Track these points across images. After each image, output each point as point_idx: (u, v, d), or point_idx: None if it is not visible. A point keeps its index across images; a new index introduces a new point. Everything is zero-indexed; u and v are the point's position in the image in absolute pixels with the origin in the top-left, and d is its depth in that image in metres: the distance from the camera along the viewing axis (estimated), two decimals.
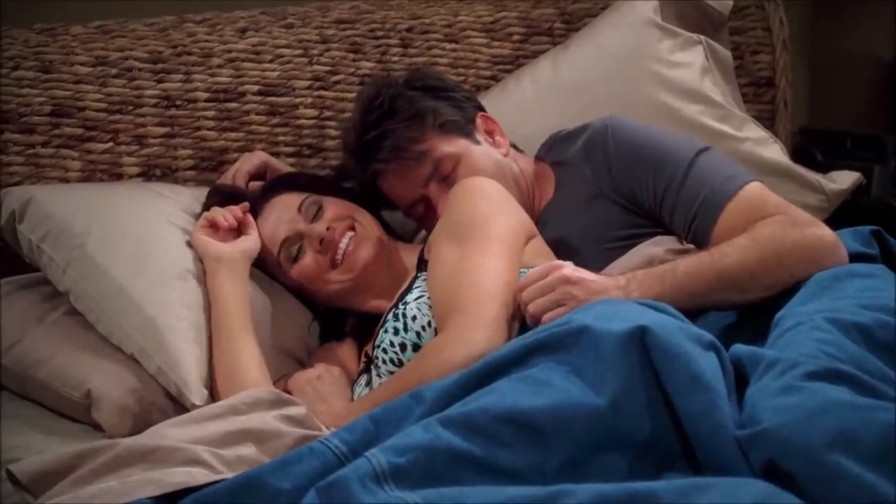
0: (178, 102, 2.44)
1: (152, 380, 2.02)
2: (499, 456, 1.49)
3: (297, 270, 2.14)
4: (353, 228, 2.12)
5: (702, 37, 2.60)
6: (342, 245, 2.11)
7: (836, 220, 2.39)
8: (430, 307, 1.93)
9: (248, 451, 1.66)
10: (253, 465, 1.63)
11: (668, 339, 1.55)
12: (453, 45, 2.67)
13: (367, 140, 2.19)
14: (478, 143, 2.21)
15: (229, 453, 1.63)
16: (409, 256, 2.17)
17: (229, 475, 1.59)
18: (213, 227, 2.13)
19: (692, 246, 2.02)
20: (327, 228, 2.11)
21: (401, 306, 1.96)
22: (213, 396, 1.99)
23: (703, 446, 1.50)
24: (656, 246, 2.04)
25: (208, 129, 2.45)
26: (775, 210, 1.94)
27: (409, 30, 2.64)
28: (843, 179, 2.59)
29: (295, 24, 2.59)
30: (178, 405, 2.00)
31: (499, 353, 1.64)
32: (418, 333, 1.92)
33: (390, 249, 2.17)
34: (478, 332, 1.81)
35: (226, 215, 2.14)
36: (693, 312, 1.79)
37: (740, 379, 1.60)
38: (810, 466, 1.41)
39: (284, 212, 2.15)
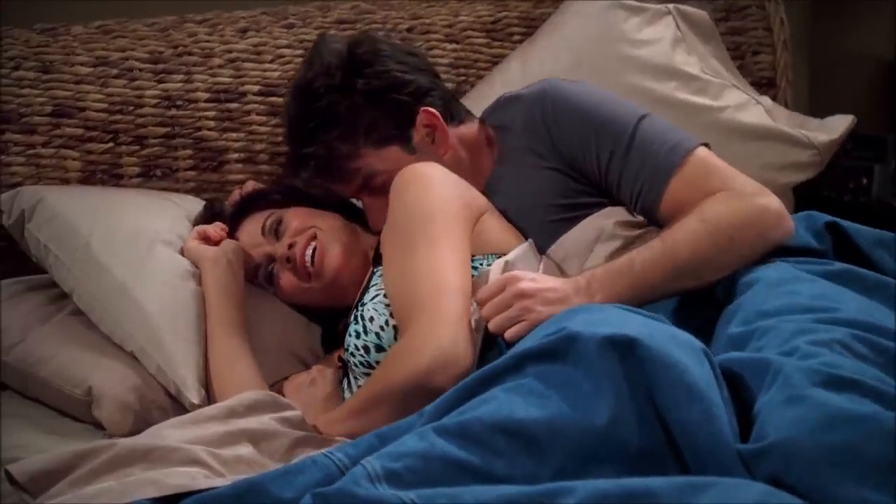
0: (179, 102, 2.44)
1: (153, 378, 2.03)
2: (494, 465, 1.47)
3: (280, 291, 2.15)
4: (315, 237, 2.12)
5: (670, 6, 2.57)
6: (307, 258, 2.10)
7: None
8: (387, 305, 1.92)
9: (246, 450, 1.66)
10: (251, 465, 1.64)
11: (660, 348, 1.53)
12: (454, 45, 2.67)
13: (299, 154, 2.14)
14: (414, 151, 2.13)
15: (227, 453, 1.64)
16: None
17: (228, 475, 1.59)
18: (205, 239, 2.16)
19: (642, 217, 2.01)
20: (289, 246, 2.11)
21: (359, 307, 1.95)
22: (209, 395, 2.00)
23: (701, 457, 1.48)
24: (606, 218, 2.02)
25: (209, 130, 2.46)
26: (720, 181, 1.93)
27: (409, 30, 2.65)
28: (834, 127, 2.55)
29: (295, 24, 2.59)
30: (179, 403, 2.01)
31: (494, 363, 1.62)
32: (377, 334, 1.91)
33: (363, 243, 2.16)
34: (441, 331, 1.79)
35: (216, 229, 2.17)
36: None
37: (735, 388, 1.58)
38: (813, 483, 1.40)
39: (251, 237, 2.16)
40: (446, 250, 1.89)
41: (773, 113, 2.56)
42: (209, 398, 1.99)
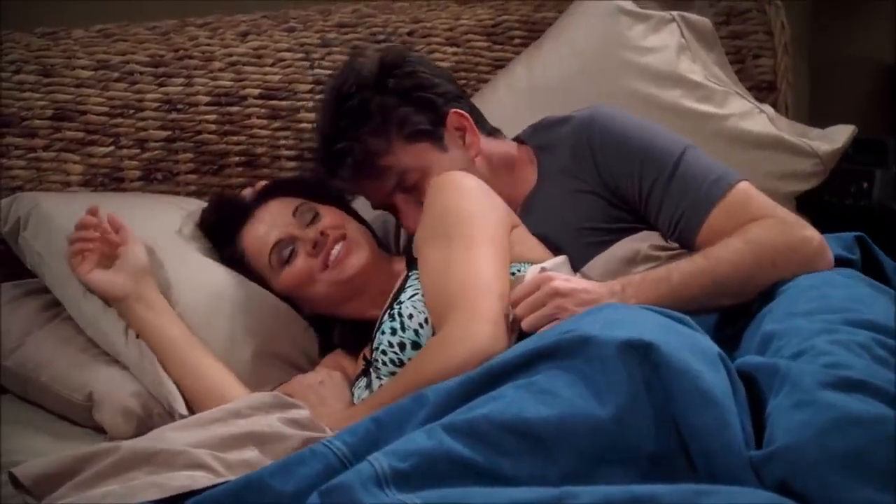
0: (180, 106, 2.44)
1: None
2: (501, 464, 1.48)
3: (288, 272, 2.13)
4: (345, 237, 2.12)
5: (674, 13, 2.58)
6: (334, 252, 2.10)
7: (838, 223, 2.38)
8: (426, 304, 1.92)
9: (251, 454, 1.66)
10: (255, 469, 1.63)
11: (675, 354, 1.54)
12: (455, 49, 2.67)
13: (332, 152, 2.17)
14: (445, 149, 2.16)
15: (232, 457, 1.63)
16: (398, 266, 2.16)
17: (231, 479, 1.59)
18: (84, 253, 2.09)
19: (676, 245, 2.02)
20: (321, 234, 2.11)
21: (395, 306, 1.96)
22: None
23: (713, 463, 1.48)
24: (641, 242, 2.03)
25: (209, 133, 2.45)
26: (759, 212, 1.95)
27: (410, 33, 2.65)
28: (836, 137, 2.55)
29: (296, 27, 2.59)
30: None
31: (503, 358, 1.63)
32: (416, 331, 1.92)
33: (381, 260, 2.17)
34: (478, 327, 1.80)
35: (86, 235, 2.09)
36: None
37: (751, 392, 1.58)
38: (820, 487, 1.41)
39: (279, 216, 2.15)
40: (485, 251, 1.91)
41: (774, 122, 2.56)
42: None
